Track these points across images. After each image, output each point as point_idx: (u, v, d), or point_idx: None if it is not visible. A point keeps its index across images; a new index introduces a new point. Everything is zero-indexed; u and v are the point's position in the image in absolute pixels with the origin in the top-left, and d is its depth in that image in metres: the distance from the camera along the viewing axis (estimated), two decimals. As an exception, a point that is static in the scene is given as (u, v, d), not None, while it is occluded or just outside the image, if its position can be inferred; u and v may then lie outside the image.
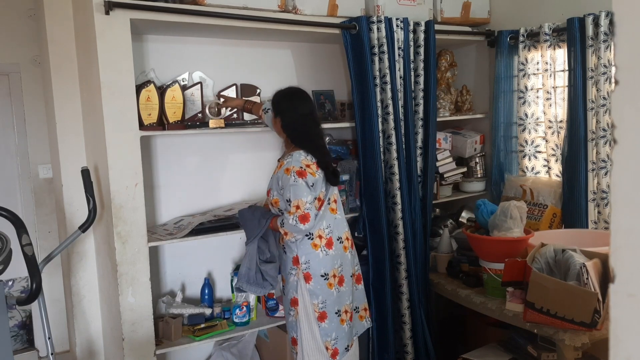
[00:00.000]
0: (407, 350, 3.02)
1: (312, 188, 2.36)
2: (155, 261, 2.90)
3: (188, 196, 2.98)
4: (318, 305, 2.47)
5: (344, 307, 2.54)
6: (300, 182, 2.32)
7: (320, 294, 2.47)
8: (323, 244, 2.47)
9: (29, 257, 2.14)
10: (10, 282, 3.63)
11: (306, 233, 2.41)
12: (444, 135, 3.52)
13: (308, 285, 2.46)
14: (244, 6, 2.65)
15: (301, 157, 2.39)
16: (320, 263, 2.46)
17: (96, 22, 2.35)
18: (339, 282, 2.53)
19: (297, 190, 2.32)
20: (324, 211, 2.49)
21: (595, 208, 2.85)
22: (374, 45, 2.90)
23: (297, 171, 2.33)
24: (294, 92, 2.52)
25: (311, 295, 2.46)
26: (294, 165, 2.35)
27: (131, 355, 2.51)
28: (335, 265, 2.51)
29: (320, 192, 2.43)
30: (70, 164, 2.90)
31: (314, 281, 2.45)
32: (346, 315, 2.55)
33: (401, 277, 3.00)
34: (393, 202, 2.98)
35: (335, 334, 2.51)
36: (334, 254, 2.51)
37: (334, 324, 2.51)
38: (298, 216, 2.32)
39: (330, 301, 2.49)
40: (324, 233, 2.48)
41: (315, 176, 2.38)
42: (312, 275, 2.45)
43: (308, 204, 2.33)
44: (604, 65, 2.73)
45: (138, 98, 2.50)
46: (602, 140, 2.78)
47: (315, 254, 2.46)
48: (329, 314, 2.49)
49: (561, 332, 2.19)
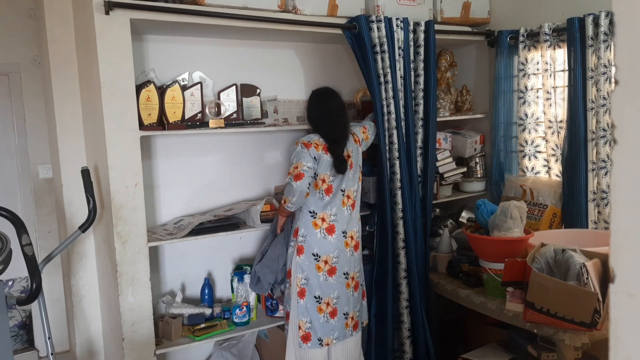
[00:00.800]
0: (404, 349, 3.02)
1: (314, 160, 2.57)
2: (155, 261, 2.90)
3: (188, 196, 2.98)
4: (301, 280, 2.60)
5: (327, 297, 2.62)
6: (304, 150, 2.58)
7: (306, 269, 2.60)
8: (323, 227, 2.63)
9: (29, 257, 2.14)
10: (10, 282, 3.63)
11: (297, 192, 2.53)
12: (444, 135, 3.52)
13: (298, 257, 2.59)
14: (244, 6, 2.65)
15: (314, 137, 2.65)
16: (315, 242, 2.61)
17: (96, 22, 2.35)
18: (328, 271, 2.63)
19: (299, 155, 2.57)
20: (334, 199, 2.65)
21: (595, 208, 2.85)
22: (375, 43, 2.90)
23: (304, 142, 2.61)
24: (320, 91, 2.81)
25: (297, 268, 2.59)
26: (304, 140, 2.64)
27: (131, 355, 2.51)
28: (329, 253, 2.62)
29: (325, 173, 2.61)
30: (70, 164, 2.90)
31: (305, 256, 2.60)
32: (327, 308, 2.62)
33: (400, 276, 3.00)
34: (393, 201, 2.99)
35: (310, 318, 2.60)
36: (333, 242, 2.63)
37: (311, 307, 2.60)
38: (294, 175, 2.53)
39: (313, 283, 2.60)
40: (328, 218, 2.64)
41: (319, 151, 2.60)
42: (305, 250, 2.60)
43: (306, 166, 2.54)
44: (604, 65, 2.73)
45: (138, 98, 2.50)
46: (602, 140, 2.78)
47: (313, 232, 2.61)
48: (308, 294, 2.60)
49: (561, 332, 2.19)
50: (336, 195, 2.65)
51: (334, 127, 2.68)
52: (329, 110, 2.70)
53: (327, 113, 2.70)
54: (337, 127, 2.68)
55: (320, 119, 2.72)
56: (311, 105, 2.79)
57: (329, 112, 2.70)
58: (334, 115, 2.69)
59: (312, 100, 2.80)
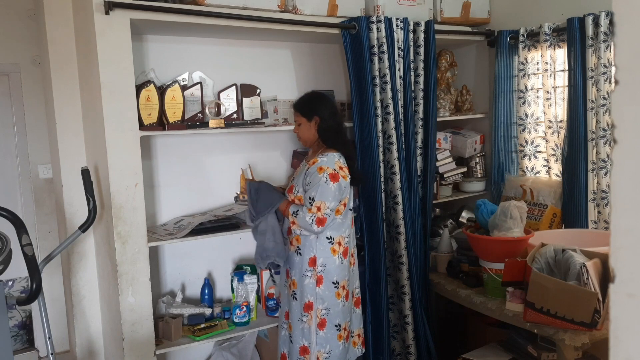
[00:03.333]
0: (410, 351, 3.01)
1: (339, 193, 2.35)
2: (155, 261, 2.90)
3: (188, 196, 2.98)
4: (321, 311, 2.41)
5: (345, 323, 2.49)
6: (330, 186, 2.31)
7: (326, 299, 2.42)
8: (340, 252, 2.45)
9: (29, 257, 2.14)
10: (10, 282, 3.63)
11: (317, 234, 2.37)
12: (444, 135, 3.52)
13: (318, 289, 2.41)
14: (244, 6, 2.65)
15: (335, 159, 2.38)
16: (335, 269, 2.43)
17: (96, 22, 2.35)
18: (345, 296, 2.48)
19: (324, 192, 2.30)
20: (346, 219, 2.46)
21: (595, 208, 2.85)
22: (374, 45, 2.90)
23: (330, 173, 2.32)
24: (323, 95, 2.53)
25: (318, 299, 2.41)
26: (329, 166, 2.34)
27: (131, 355, 2.51)
28: (345, 277, 2.48)
29: (346, 196, 2.42)
30: (70, 164, 2.90)
31: (325, 286, 2.41)
32: (344, 333, 2.49)
33: (403, 277, 2.99)
34: (394, 202, 2.98)
35: (329, 348, 2.44)
36: (347, 265, 2.49)
37: (331, 336, 2.44)
38: (316, 218, 2.30)
39: (333, 311, 2.44)
40: (344, 241, 2.46)
41: (347, 180, 2.37)
42: (325, 280, 2.41)
43: (329, 209, 2.31)
44: (604, 65, 2.73)
45: (138, 98, 2.50)
46: (602, 140, 2.78)
47: (332, 259, 2.42)
48: (328, 323, 2.44)
49: (561, 332, 2.19)
50: (347, 215, 2.48)
51: (347, 138, 2.48)
52: (341, 119, 2.45)
53: (341, 122, 2.46)
54: (347, 138, 2.50)
55: (337, 130, 2.43)
56: (326, 112, 2.45)
57: (341, 121, 2.46)
58: (343, 124, 2.48)
59: (325, 104, 2.48)
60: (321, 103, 2.51)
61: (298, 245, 2.47)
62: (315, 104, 2.51)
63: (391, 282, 3.03)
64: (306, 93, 2.61)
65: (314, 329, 2.43)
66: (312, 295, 2.42)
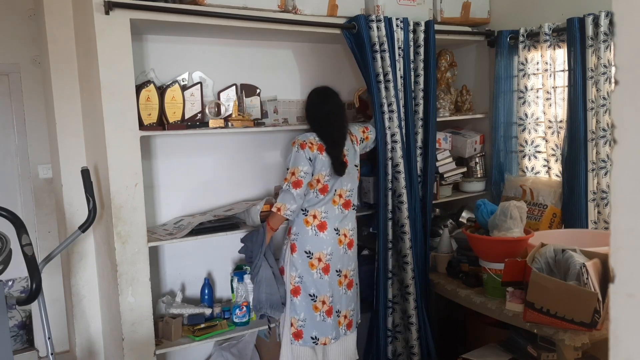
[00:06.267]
0: (414, 351, 3.01)
1: (309, 162, 2.56)
2: (155, 261, 2.90)
3: (188, 196, 2.98)
4: (295, 278, 2.60)
5: (322, 296, 2.62)
6: (300, 153, 2.57)
7: (299, 267, 2.61)
8: (315, 224, 2.63)
9: (29, 257, 2.14)
10: (10, 282, 3.63)
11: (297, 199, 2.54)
12: (444, 135, 3.52)
13: (292, 256, 2.61)
14: (244, 6, 2.65)
15: (310, 136, 2.63)
16: (307, 240, 2.61)
17: (96, 22, 2.35)
18: (323, 269, 2.62)
19: (296, 159, 2.57)
20: (327, 198, 2.64)
21: (595, 208, 2.85)
22: (375, 42, 2.90)
23: (300, 143, 2.59)
24: (320, 89, 2.79)
25: (291, 266, 2.61)
26: (299, 139, 2.62)
27: (131, 355, 2.51)
28: (323, 250, 2.63)
29: (320, 173, 2.60)
30: (70, 164, 2.90)
31: (297, 254, 2.61)
32: (322, 306, 2.62)
33: (408, 277, 2.99)
34: (399, 200, 2.98)
35: (304, 315, 2.60)
36: (326, 239, 2.63)
37: (306, 305, 2.60)
38: (292, 182, 2.54)
39: (307, 280, 2.60)
40: (320, 215, 2.64)
41: (314, 151, 2.59)
42: (297, 248, 2.61)
43: (303, 172, 2.55)
44: (604, 65, 2.73)
45: (138, 98, 2.50)
46: (602, 140, 2.78)
47: (305, 230, 2.62)
48: (302, 292, 2.61)
49: (561, 332, 2.19)
50: (329, 194, 2.66)
51: (332, 127, 2.66)
52: (329, 109, 2.67)
53: (326, 112, 2.67)
54: (335, 127, 2.67)
55: (319, 118, 2.68)
56: (310, 104, 2.75)
57: (328, 111, 2.67)
58: (333, 114, 2.67)
59: (311, 98, 2.76)
60: (312, 94, 2.77)
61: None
62: (310, 95, 2.78)
63: (395, 282, 3.03)
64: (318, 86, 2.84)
65: (288, 295, 2.63)
66: (286, 262, 2.65)
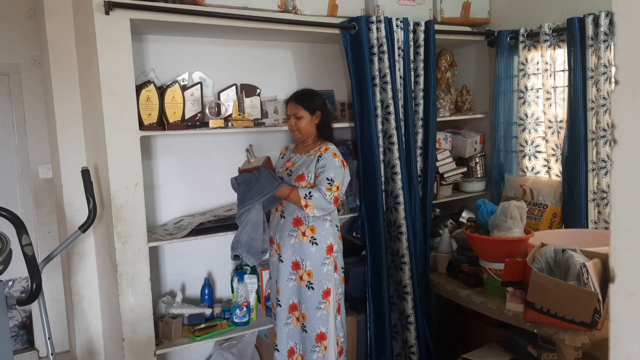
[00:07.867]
0: (413, 351, 3.01)
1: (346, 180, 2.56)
2: (155, 261, 2.90)
3: (188, 196, 2.98)
4: (338, 297, 2.56)
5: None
6: (344, 170, 2.53)
7: (340, 285, 2.58)
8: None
9: (29, 257, 2.14)
10: (10, 282, 3.63)
11: (327, 214, 2.49)
12: (444, 135, 3.52)
13: (336, 274, 2.55)
14: (244, 6, 2.65)
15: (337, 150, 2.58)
16: (341, 256, 2.61)
17: (96, 22, 2.35)
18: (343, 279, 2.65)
19: (340, 175, 2.48)
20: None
21: (595, 208, 2.85)
22: (374, 45, 2.89)
23: (342, 160, 2.54)
24: (319, 92, 2.69)
25: (337, 285, 2.56)
26: (339, 154, 2.55)
27: (131, 355, 2.51)
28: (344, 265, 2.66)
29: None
30: (70, 164, 2.90)
31: (339, 272, 2.57)
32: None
33: (406, 277, 2.99)
34: (396, 202, 2.98)
35: (343, 332, 2.59)
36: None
37: (344, 321, 2.60)
38: (334, 196, 2.43)
39: (343, 295, 2.61)
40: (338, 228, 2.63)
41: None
42: (338, 266, 2.56)
43: (342, 191, 2.51)
44: (604, 65, 2.73)
45: (138, 98, 2.50)
46: (602, 140, 2.78)
47: (341, 246, 2.60)
48: (342, 307, 2.59)
49: (561, 332, 2.19)
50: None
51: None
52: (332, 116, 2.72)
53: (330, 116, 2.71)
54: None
55: (330, 125, 2.67)
56: (325, 108, 2.67)
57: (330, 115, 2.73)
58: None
59: (324, 101, 2.69)
60: (321, 99, 2.67)
61: (313, 236, 2.49)
62: (319, 100, 2.64)
63: (392, 283, 3.03)
64: (303, 89, 2.70)
65: (333, 314, 2.52)
66: (331, 281, 2.51)
